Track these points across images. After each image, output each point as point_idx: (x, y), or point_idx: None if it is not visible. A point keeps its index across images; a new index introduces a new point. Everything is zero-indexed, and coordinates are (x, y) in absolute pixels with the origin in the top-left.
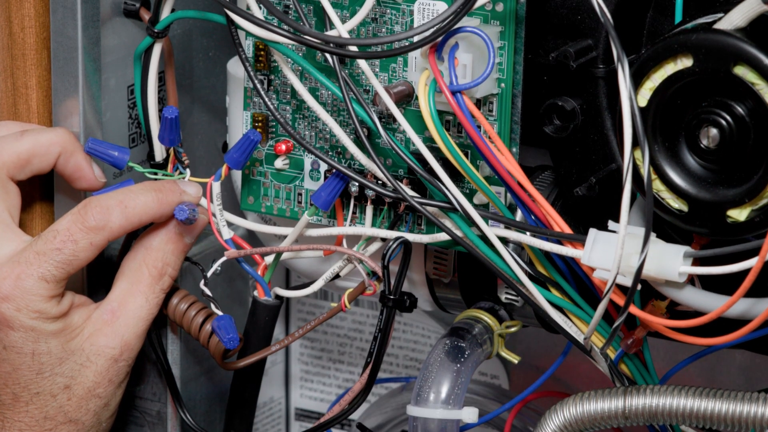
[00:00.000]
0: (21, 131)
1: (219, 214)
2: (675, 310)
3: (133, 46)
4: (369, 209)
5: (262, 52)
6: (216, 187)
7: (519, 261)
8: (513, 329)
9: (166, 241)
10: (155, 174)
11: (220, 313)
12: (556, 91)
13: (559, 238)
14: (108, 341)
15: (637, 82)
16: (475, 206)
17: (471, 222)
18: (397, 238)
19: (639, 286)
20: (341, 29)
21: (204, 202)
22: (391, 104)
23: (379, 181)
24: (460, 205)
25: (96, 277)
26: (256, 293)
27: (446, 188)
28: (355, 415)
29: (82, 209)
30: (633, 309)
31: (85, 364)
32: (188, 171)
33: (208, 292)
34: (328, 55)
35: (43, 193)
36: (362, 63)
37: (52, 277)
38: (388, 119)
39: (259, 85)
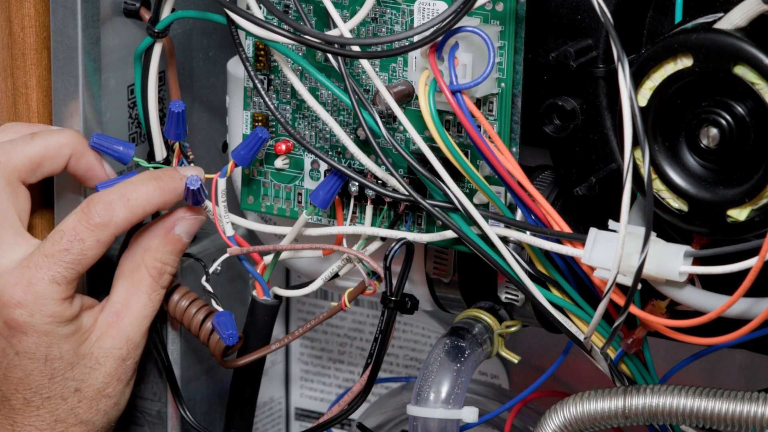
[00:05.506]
0: (30, 134)
1: (224, 210)
2: (675, 310)
3: (133, 46)
4: (369, 209)
5: (262, 52)
6: (222, 183)
7: (520, 260)
8: (513, 329)
9: (165, 242)
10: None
11: (220, 309)
12: (556, 91)
13: (559, 238)
14: (114, 343)
15: (637, 81)
16: (476, 206)
17: (472, 221)
18: (400, 239)
19: (639, 286)
20: (343, 29)
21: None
22: (393, 104)
23: (379, 181)
24: (462, 204)
25: (96, 277)
26: (254, 293)
27: (448, 188)
28: (355, 415)
29: (86, 207)
30: (633, 309)
31: (94, 366)
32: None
33: (209, 288)
34: (329, 55)
35: (42, 193)
36: (365, 63)
37: (62, 278)
38: (388, 119)
39: (259, 85)
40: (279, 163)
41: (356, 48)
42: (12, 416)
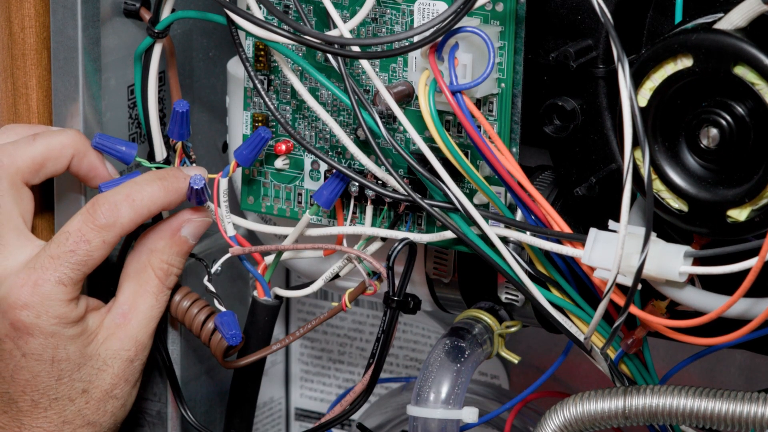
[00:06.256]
0: (32, 135)
1: (225, 211)
2: (675, 310)
3: (133, 46)
4: (369, 209)
5: (262, 52)
6: (223, 183)
7: (520, 261)
8: (513, 329)
9: (171, 244)
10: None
11: (223, 309)
12: (556, 91)
13: (559, 238)
14: (122, 344)
15: (637, 82)
16: (476, 206)
17: (472, 222)
18: (402, 239)
19: (639, 286)
20: (343, 29)
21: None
22: (393, 104)
23: (379, 181)
24: (461, 205)
25: (97, 277)
26: (255, 293)
27: (448, 188)
28: (356, 415)
29: (91, 208)
30: (633, 309)
31: (101, 368)
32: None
33: (211, 288)
34: (329, 56)
35: (43, 194)
36: (365, 63)
37: (68, 279)
38: (388, 119)
39: (259, 85)
40: (279, 163)
41: (356, 48)
42: (19, 418)
